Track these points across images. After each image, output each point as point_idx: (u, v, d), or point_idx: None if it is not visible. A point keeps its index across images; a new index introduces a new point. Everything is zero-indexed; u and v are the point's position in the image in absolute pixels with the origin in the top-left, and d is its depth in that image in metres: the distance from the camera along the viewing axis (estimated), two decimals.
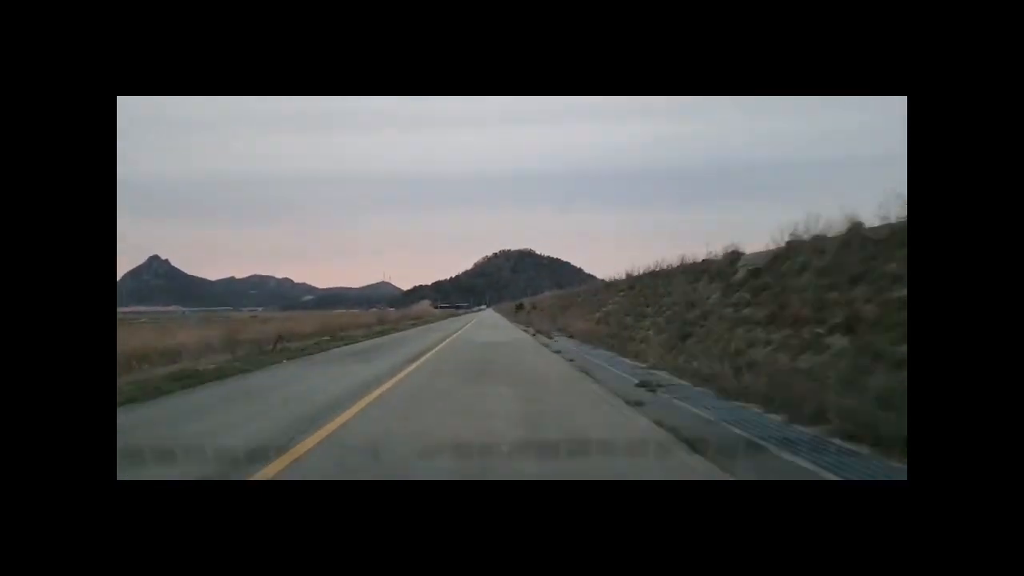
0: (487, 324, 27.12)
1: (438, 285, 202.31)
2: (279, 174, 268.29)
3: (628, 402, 4.68)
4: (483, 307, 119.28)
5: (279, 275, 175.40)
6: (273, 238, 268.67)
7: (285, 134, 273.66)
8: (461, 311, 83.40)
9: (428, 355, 10.53)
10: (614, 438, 3.49)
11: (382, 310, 59.77)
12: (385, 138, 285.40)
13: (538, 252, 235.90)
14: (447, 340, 14.56)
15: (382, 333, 19.91)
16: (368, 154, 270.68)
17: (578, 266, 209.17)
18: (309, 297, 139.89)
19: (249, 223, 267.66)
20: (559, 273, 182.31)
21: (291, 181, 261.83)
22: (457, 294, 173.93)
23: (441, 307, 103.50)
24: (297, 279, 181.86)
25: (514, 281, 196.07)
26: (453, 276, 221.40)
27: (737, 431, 3.57)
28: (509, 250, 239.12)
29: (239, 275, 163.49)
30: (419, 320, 34.93)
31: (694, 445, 3.21)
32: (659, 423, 3.78)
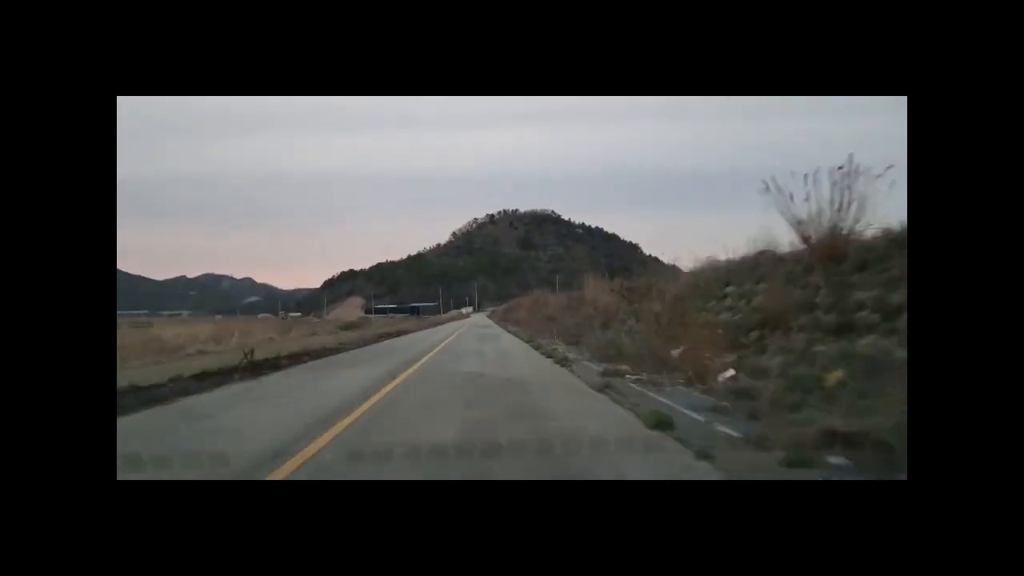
0: None
1: (380, 270, 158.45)
2: (252, 173, 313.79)
3: None
4: (468, 310, 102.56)
5: (238, 275, 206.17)
6: (241, 238, 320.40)
7: (262, 133, 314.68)
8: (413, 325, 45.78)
9: None
10: None
11: (284, 319, 61.69)
12: (369, 137, 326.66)
13: (566, 218, 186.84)
14: None
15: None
16: (355, 154, 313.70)
17: (630, 241, 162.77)
18: (255, 298, 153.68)
19: (212, 222, 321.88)
20: (602, 251, 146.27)
21: (266, 181, 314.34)
22: (415, 285, 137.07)
23: (379, 310, 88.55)
24: (260, 279, 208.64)
25: (526, 261, 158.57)
26: (415, 253, 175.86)
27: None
28: (516, 211, 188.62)
29: (191, 274, 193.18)
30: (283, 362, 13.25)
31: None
32: None
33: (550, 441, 5.32)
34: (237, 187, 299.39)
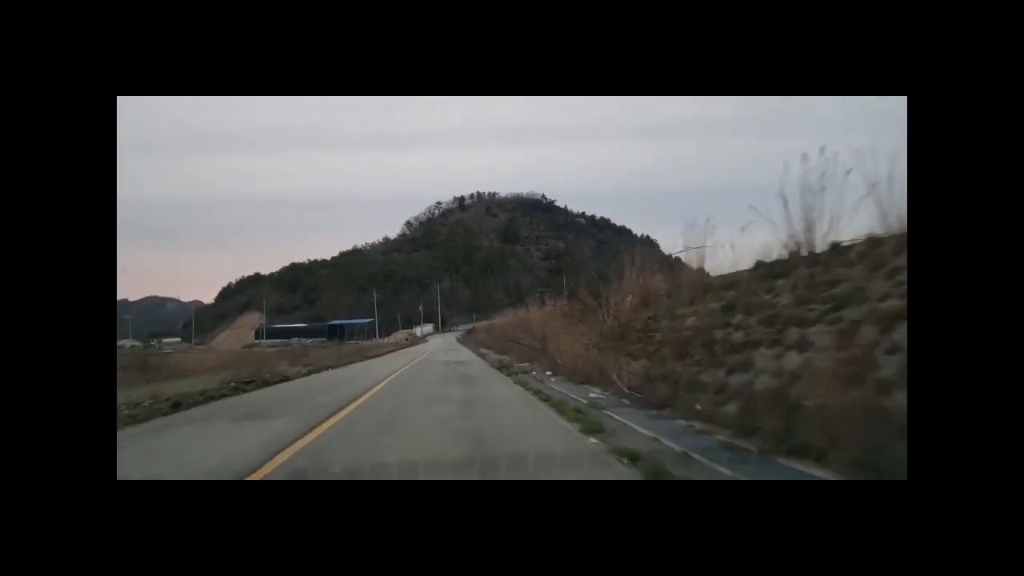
0: None
1: (293, 271, 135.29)
2: (194, 193, 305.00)
3: None
4: (427, 328, 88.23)
5: (185, 298, 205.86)
6: (188, 260, 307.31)
7: (221, 152, 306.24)
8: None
9: None
10: None
11: (158, 346, 63.44)
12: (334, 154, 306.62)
13: (561, 205, 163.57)
14: None
15: None
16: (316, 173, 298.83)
17: (645, 234, 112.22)
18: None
19: (157, 244, 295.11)
20: (611, 247, 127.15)
21: (217, 200, 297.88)
22: (346, 291, 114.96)
23: (277, 332, 77.22)
24: (208, 300, 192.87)
25: (513, 256, 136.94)
26: (350, 248, 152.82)
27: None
28: (495, 194, 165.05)
29: (133, 297, 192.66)
30: None
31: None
32: None
33: None
34: (182, 205, 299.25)
